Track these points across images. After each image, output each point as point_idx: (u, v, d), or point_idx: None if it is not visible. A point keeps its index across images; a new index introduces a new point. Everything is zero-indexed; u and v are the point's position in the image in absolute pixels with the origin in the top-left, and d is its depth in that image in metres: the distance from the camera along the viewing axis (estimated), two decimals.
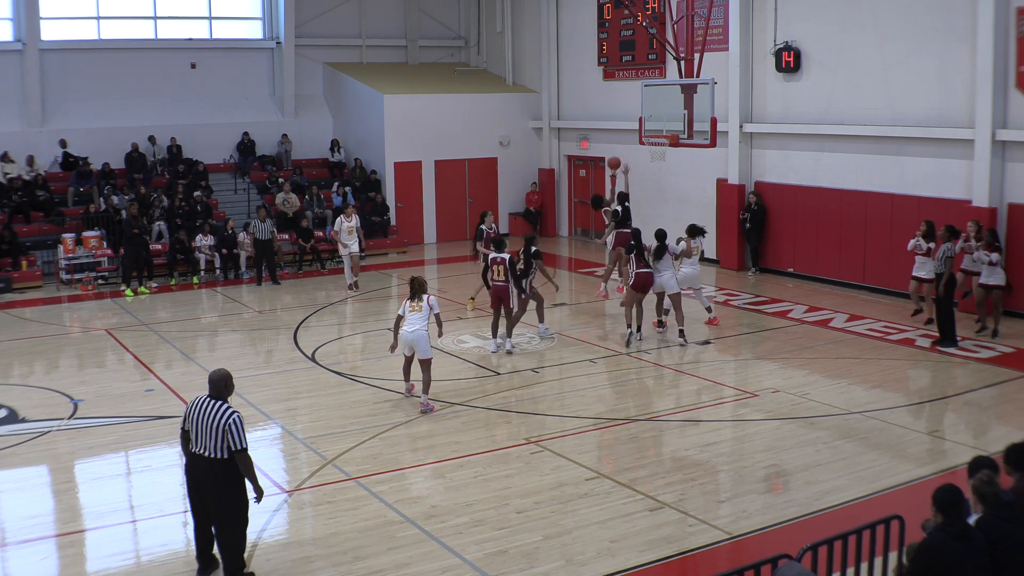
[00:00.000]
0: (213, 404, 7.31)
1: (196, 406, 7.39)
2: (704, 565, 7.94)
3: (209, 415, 7.25)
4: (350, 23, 27.73)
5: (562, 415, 11.77)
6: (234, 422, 7.22)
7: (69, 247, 20.66)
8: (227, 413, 7.24)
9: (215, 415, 7.23)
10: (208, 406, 7.31)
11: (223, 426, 7.19)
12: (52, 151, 23.75)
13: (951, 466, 9.85)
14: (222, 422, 7.20)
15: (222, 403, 7.33)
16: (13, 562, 8.13)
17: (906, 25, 17.69)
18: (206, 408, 7.30)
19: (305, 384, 13.30)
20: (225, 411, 7.26)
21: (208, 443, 7.24)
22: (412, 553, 8.08)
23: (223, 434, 7.19)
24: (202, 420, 7.27)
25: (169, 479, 10.15)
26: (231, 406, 7.35)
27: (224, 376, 7.51)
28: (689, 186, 22.59)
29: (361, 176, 25.71)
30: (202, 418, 7.27)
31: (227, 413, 7.24)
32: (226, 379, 7.50)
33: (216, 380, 7.46)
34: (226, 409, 7.28)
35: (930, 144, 17.46)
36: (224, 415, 7.22)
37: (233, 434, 7.20)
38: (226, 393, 7.44)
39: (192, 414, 7.38)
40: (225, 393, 7.43)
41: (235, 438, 7.21)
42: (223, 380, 7.48)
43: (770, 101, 20.60)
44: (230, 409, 7.30)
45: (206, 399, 7.38)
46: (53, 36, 23.99)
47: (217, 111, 25.93)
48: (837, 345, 14.95)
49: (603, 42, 25.03)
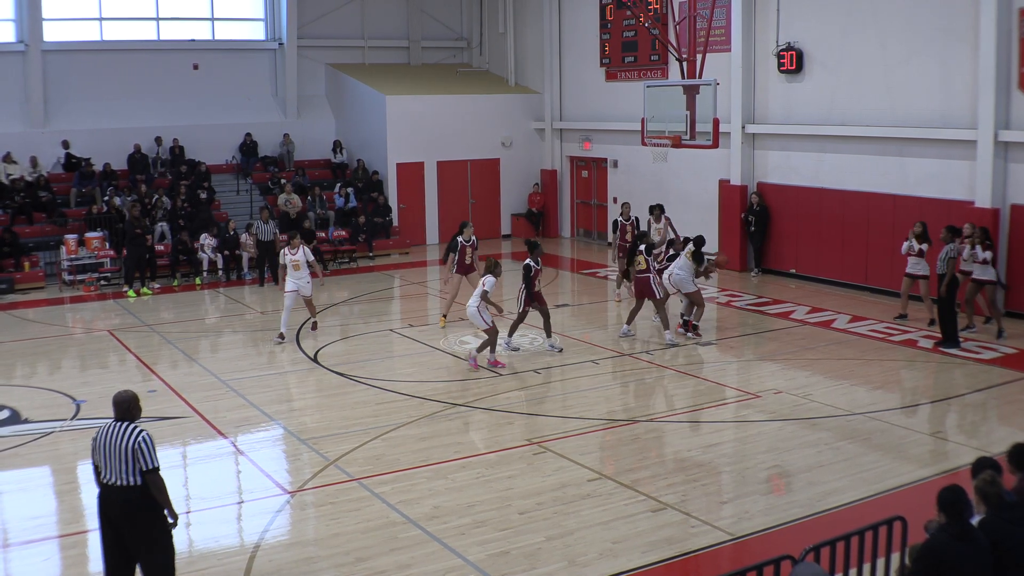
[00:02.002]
0: (120, 427, 6.79)
1: (104, 433, 6.84)
2: (706, 566, 7.94)
3: (117, 438, 6.73)
4: (352, 24, 27.76)
5: (564, 416, 11.77)
6: (143, 440, 6.72)
7: (72, 248, 20.68)
8: (135, 432, 6.75)
9: (123, 437, 6.73)
10: (115, 430, 6.79)
11: (132, 446, 6.68)
12: (54, 152, 23.78)
13: (953, 467, 9.85)
14: (130, 442, 6.69)
15: (129, 424, 6.83)
16: (16, 563, 8.14)
17: (908, 26, 17.68)
18: (113, 432, 6.79)
19: (307, 385, 13.31)
20: (133, 430, 6.76)
21: (119, 469, 6.71)
22: (414, 554, 8.08)
23: (133, 455, 6.68)
24: (110, 444, 6.74)
25: (171, 479, 10.15)
26: (139, 426, 6.85)
27: (129, 397, 6.99)
28: (691, 187, 22.59)
29: (363, 177, 25.74)
30: (110, 442, 6.75)
31: (135, 432, 6.75)
32: (131, 400, 6.98)
33: (121, 401, 6.93)
34: (134, 428, 6.78)
35: (932, 145, 17.45)
36: (132, 434, 6.73)
37: (144, 453, 6.70)
38: (132, 415, 6.92)
39: (101, 441, 6.81)
40: (131, 415, 6.91)
41: (146, 457, 6.70)
42: (127, 401, 6.95)
43: (772, 102, 20.60)
44: (138, 428, 6.81)
45: (112, 423, 6.86)
46: (56, 37, 24.03)
47: (219, 112, 25.96)
48: (839, 346, 14.94)
49: (605, 43, 25.04)
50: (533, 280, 14.41)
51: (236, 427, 11.49)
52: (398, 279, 21.66)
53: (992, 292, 15.13)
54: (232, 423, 11.60)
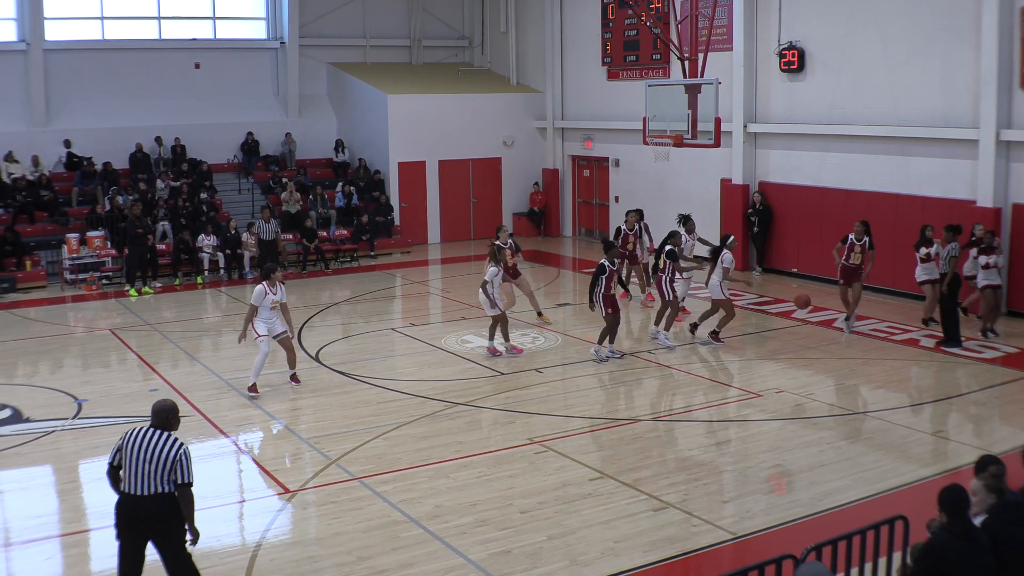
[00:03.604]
0: (158, 434, 6.65)
1: (135, 437, 6.66)
2: (708, 565, 7.93)
3: (155, 446, 6.57)
4: (354, 23, 27.76)
5: (566, 415, 11.77)
6: (185, 453, 6.61)
7: (73, 247, 20.69)
8: (177, 444, 6.63)
9: (162, 446, 6.57)
10: (152, 436, 6.63)
11: (174, 457, 6.55)
12: (56, 151, 23.77)
13: (955, 467, 9.83)
14: (171, 453, 6.55)
15: (169, 434, 6.69)
16: (17, 562, 8.14)
17: (910, 26, 17.66)
18: (150, 439, 6.62)
19: (309, 384, 13.30)
20: (175, 442, 6.64)
21: (151, 477, 6.53)
22: (416, 553, 8.08)
23: (172, 465, 6.54)
24: (144, 452, 6.56)
25: None
26: (180, 439, 6.74)
27: (170, 407, 6.83)
28: (693, 186, 22.57)
29: (365, 176, 25.74)
30: (145, 449, 6.57)
31: (177, 444, 6.63)
32: (171, 410, 6.83)
33: (160, 410, 6.77)
34: (175, 440, 6.66)
35: (934, 144, 17.44)
36: (174, 446, 6.60)
37: (183, 466, 6.56)
38: (172, 424, 6.78)
39: (129, 445, 6.63)
40: (169, 424, 6.76)
41: (185, 471, 6.57)
42: (167, 411, 6.79)
43: (774, 101, 20.58)
44: (179, 440, 6.69)
45: (149, 429, 6.69)
46: (57, 36, 24.03)
47: (221, 111, 25.96)
48: (841, 345, 14.94)
49: (607, 42, 25.02)
50: (608, 282, 13.91)
51: (238, 426, 11.49)
52: (399, 278, 21.66)
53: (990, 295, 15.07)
54: (234, 422, 11.60)
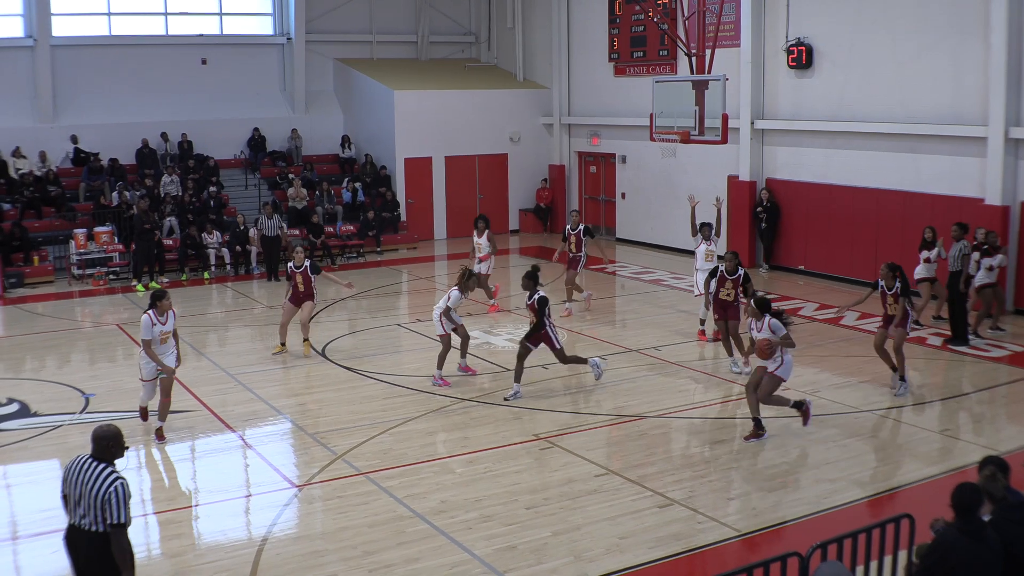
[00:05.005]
0: (95, 466, 5.93)
1: (76, 467, 6.02)
2: (713, 562, 7.93)
3: (89, 479, 5.89)
4: (361, 19, 27.75)
5: (572, 412, 11.76)
6: (115, 491, 5.83)
7: (80, 242, 20.75)
8: (110, 478, 5.87)
9: (95, 480, 5.87)
10: (89, 468, 5.94)
11: (103, 494, 5.82)
12: (63, 147, 23.82)
13: (962, 465, 9.80)
14: (102, 488, 5.83)
15: (106, 466, 5.95)
16: (25, 555, 8.18)
17: (919, 22, 17.60)
18: (87, 469, 5.95)
19: (315, 379, 13.32)
20: (108, 475, 5.89)
21: (87, 512, 5.89)
22: (421, 548, 8.09)
23: (102, 503, 5.82)
24: (81, 483, 5.92)
25: (180, 473, 10.22)
26: (117, 471, 5.98)
27: (111, 434, 6.04)
28: (700, 183, 22.47)
29: (371, 172, 25.75)
30: (83, 482, 5.91)
31: (110, 478, 5.87)
32: (112, 437, 6.03)
33: (100, 438, 6.02)
34: (110, 473, 5.90)
35: (943, 141, 17.38)
36: (106, 480, 5.86)
37: (112, 505, 5.80)
38: (111, 454, 6.03)
39: (72, 477, 6.00)
40: (109, 454, 6.02)
41: (113, 509, 5.80)
42: (107, 438, 6.02)
43: (782, 98, 20.53)
44: (115, 474, 5.92)
45: (87, 459, 6.01)
46: (64, 32, 24.07)
47: (228, 107, 25.99)
48: (848, 343, 14.91)
49: (614, 38, 24.98)
50: (719, 286, 13.39)
51: (244, 421, 11.51)
52: (406, 274, 21.67)
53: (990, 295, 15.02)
54: (240, 417, 11.63)
